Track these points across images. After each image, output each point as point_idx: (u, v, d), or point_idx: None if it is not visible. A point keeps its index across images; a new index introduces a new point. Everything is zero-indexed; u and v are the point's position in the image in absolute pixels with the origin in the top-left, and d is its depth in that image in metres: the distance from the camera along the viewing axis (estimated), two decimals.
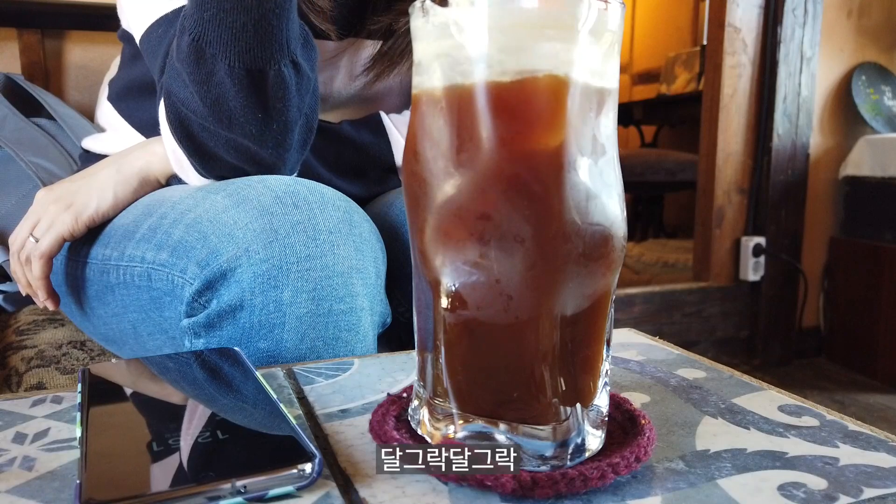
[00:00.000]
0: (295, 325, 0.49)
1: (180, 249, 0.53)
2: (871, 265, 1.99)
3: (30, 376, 0.68)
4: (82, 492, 0.26)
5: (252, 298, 0.49)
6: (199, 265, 0.51)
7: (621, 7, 0.30)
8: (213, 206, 0.53)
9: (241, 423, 0.32)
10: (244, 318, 0.49)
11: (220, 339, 0.50)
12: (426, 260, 0.31)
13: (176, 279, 0.54)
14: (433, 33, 0.30)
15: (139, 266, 0.57)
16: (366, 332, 0.53)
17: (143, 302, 0.59)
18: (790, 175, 2.01)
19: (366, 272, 0.53)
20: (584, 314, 0.30)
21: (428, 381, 0.32)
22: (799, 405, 0.39)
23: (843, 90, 2.06)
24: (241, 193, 0.53)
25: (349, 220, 0.53)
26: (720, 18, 1.94)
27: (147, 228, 0.57)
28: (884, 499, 0.29)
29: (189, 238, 0.53)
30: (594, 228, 0.29)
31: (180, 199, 0.56)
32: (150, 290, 0.57)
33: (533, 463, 0.29)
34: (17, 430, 0.35)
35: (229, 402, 0.36)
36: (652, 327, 1.94)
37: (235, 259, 0.49)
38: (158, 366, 0.41)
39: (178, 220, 0.55)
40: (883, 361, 1.95)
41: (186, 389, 0.38)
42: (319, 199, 0.53)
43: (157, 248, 0.56)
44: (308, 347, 0.50)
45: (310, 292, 0.50)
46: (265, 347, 0.49)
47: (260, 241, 0.49)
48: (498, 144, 0.28)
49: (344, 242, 0.51)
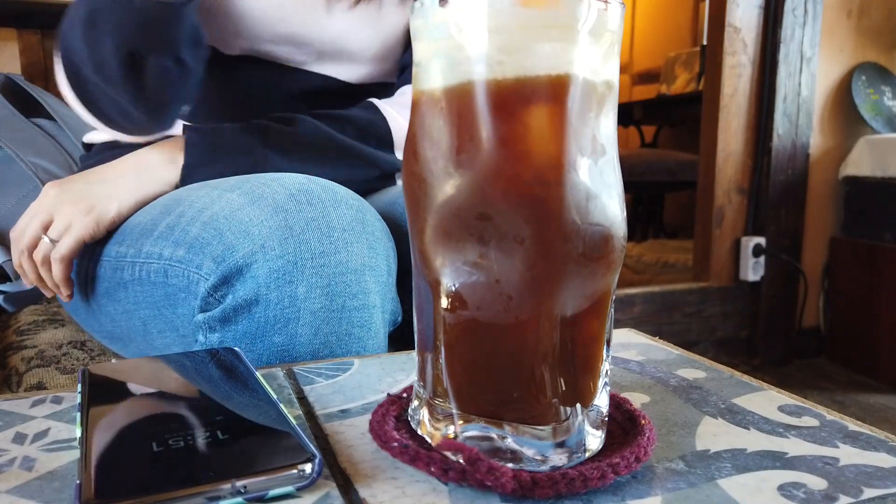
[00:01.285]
0: (309, 319, 0.50)
1: (197, 246, 0.54)
2: (871, 265, 1.99)
3: (30, 376, 0.68)
4: (82, 492, 0.26)
5: (267, 293, 0.50)
6: (215, 261, 0.52)
7: (621, 7, 0.30)
8: (229, 203, 0.54)
9: (241, 424, 0.32)
10: (259, 313, 0.50)
11: (234, 333, 0.51)
12: (426, 260, 0.31)
13: (192, 275, 0.54)
14: (433, 33, 0.30)
15: (156, 263, 0.58)
16: (377, 328, 0.54)
17: (156, 298, 0.60)
18: (790, 175, 2.01)
19: (378, 270, 0.54)
20: (584, 314, 0.30)
21: (428, 381, 0.32)
22: (799, 405, 0.39)
23: (843, 90, 2.06)
24: (257, 192, 0.54)
25: (362, 219, 0.54)
26: (720, 18, 1.94)
27: (165, 226, 0.59)
28: (884, 499, 0.29)
29: (205, 235, 0.54)
30: (594, 229, 0.29)
31: (197, 198, 0.58)
32: (165, 286, 0.58)
33: (533, 463, 0.29)
34: (17, 430, 0.35)
35: (229, 402, 0.36)
36: (652, 327, 1.94)
37: (251, 255, 0.50)
38: (158, 366, 0.41)
39: (194, 218, 0.56)
40: (883, 361, 1.95)
41: (186, 389, 0.38)
42: (333, 198, 0.54)
43: (174, 245, 0.57)
44: (321, 342, 0.51)
45: (324, 288, 0.50)
46: (280, 342, 0.50)
47: (275, 238, 0.50)
48: (498, 144, 0.28)
49: (357, 240, 0.53)
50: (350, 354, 0.52)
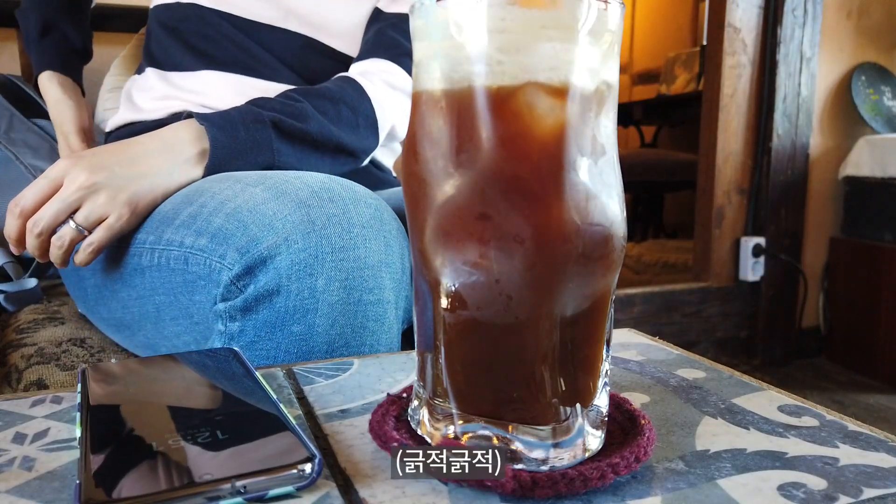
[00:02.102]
0: (327, 311, 0.52)
1: (220, 236, 0.55)
2: (871, 265, 1.99)
3: (29, 373, 0.68)
4: (82, 492, 0.26)
5: (288, 284, 0.51)
6: (239, 251, 0.53)
7: (621, 7, 0.30)
8: (253, 197, 0.55)
9: (241, 424, 0.32)
10: (280, 303, 0.52)
11: (255, 322, 0.52)
12: (426, 260, 0.31)
13: (214, 264, 0.55)
14: (433, 33, 0.30)
15: (177, 250, 0.59)
16: (391, 323, 0.55)
17: (174, 285, 0.60)
18: (790, 175, 2.01)
19: (393, 267, 0.55)
20: (584, 314, 0.30)
21: (428, 381, 0.32)
22: (799, 405, 0.39)
23: (842, 90, 2.06)
24: (280, 187, 0.55)
25: (380, 217, 0.56)
26: (720, 18, 1.94)
27: (187, 215, 0.59)
28: (884, 499, 0.29)
29: (229, 226, 0.55)
30: (594, 229, 0.29)
31: (219, 190, 0.59)
32: (185, 273, 0.59)
33: (533, 463, 0.29)
34: (16, 430, 0.35)
35: (229, 402, 0.36)
36: (652, 327, 1.94)
37: (275, 247, 0.52)
38: (159, 366, 0.41)
39: (217, 209, 0.57)
40: (883, 361, 1.95)
41: (186, 389, 0.38)
42: (353, 196, 0.56)
43: (196, 234, 0.57)
44: (337, 333, 0.52)
45: (342, 281, 0.52)
46: (298, 331, 0.52)
47: (299, 232, 0.52)
48: (498, 144, 0.28)
49: (375, 237, 0.54)
50: (364, 347, 0.54)
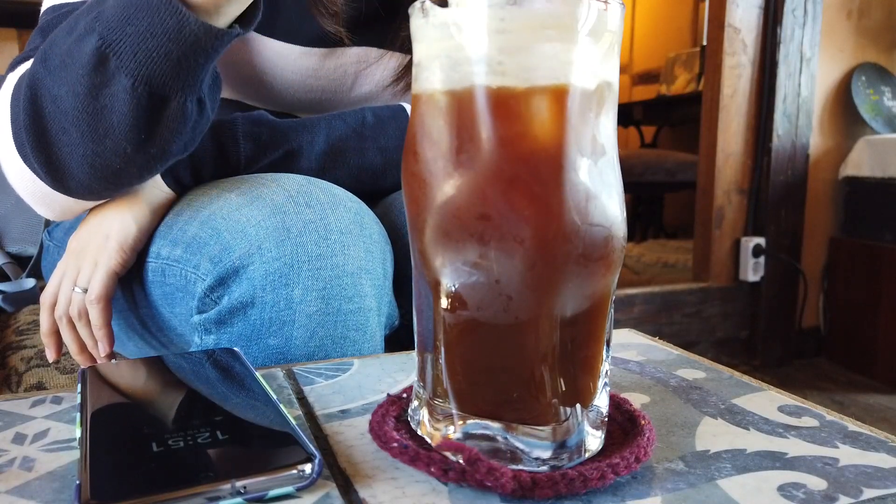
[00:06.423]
0: (304, 322, 0.50)
1: (194, 245, 0.53)
2: (871, 265, 1.99)
3: (29, 376, 0.68)
4: (82, 492, 0.26)
5: (263, 295, 0.49)
6: (212, 261, 0.51)
7: (621, 7, 0.30)
8: (227, 203, 0.54)
9: (241, 424, 0.32)
10: (255, 315, 0.50)
11: (230, 335, 0.51)
12: (426, 260, 0.31)
13: (189, 275, 0.54)
14: (433, 34, 0.30)
15: (154, 262, 0.58)
16: (373, 332, 0.54)
17: (154, 298, 0.59)
18: (790, 175, 2.01)
19: (375, 273, 0.53)
20: (584, 314, 0.30)
21: (428, 381, 0.32)
22: (799, 406, 0.39)
23: (842, 90, 2.06)
24: (255, 192, 0.53)
25: (360, 222, 0.54)
26: (720, 19, 1.94)
27: (163, 225, 0.58)
28: (884, 499, 0.29)
29: (203, 234, 0.53)
30: (594, 229, 0.29)
31: (195, 197, 0.57)
32: (163, 285, 0.57)
33: (533, 463, 0.29)
34: (16, 430, 0.35)
35: (229, 402, 0.36)
36: (652, 328, 1.94)
37: (248, 256, 0.50)
38: (158, 366, 0.41)
39: (192, 217, 0.55)
40: (883, 362, 1.95)
41: (186, 390, 0.38)
42: (332, 200, 0.53)
43: (172, 245, 0.56)
44: (317, 345, 0.50)
45: (320, 291, 0.50)
46: (275, 344, 0.50)
47: (272, 239, 0.50)
48: (498, 145, 0.28)
49: (354, 243, 0.52)
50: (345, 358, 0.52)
